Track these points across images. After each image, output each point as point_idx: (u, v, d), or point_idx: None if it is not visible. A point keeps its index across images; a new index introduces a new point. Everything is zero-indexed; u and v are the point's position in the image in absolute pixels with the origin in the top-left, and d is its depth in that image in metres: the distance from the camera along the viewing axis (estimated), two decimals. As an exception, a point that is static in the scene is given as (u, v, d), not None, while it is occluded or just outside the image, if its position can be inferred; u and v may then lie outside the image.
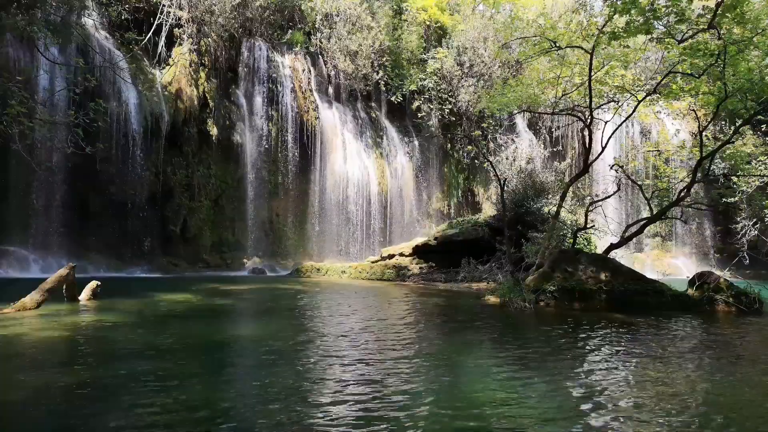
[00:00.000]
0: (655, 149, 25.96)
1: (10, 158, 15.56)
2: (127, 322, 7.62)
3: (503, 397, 4.27)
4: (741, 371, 5.47)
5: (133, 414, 3.72)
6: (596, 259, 11.47)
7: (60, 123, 14.55)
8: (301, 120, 22.94)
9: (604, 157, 18.18)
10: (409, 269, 17.63)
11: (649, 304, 10.18)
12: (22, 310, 7.92)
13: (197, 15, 20.78)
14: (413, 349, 6.17)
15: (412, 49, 26.47)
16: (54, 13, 14.53)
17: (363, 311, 9.73)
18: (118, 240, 18.31)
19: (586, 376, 5.08)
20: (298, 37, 23.92)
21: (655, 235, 27.93)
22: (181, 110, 20.04)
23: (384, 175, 25.10)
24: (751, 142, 19.96)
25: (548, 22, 13.69)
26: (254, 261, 21.10)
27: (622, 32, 11.13)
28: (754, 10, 11.08)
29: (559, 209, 13.79)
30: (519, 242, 14.51)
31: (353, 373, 4.93)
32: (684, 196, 13.10)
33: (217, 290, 12.64)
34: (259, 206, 22.00)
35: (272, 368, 5.13)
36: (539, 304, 10.24)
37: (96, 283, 9.74)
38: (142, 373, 4.74)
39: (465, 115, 26.82)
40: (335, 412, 3.80)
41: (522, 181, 18.30)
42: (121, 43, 19.08)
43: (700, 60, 11.00)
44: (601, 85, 13.79)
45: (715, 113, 12.42)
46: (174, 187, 19.91)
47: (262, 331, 7.42)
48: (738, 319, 9.31)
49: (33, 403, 3.98)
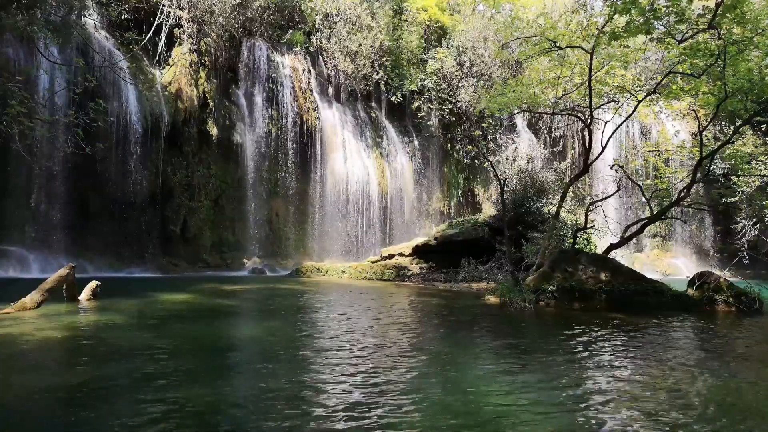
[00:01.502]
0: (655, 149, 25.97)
1: (10, 158, 15.57)
2: (127, 322, 7.62)
3: (503, 397, 4.27)
4: (741, 371, 5.47)
5: (133, 414, 3.72)
6: (596, 259, 11.47)
7: (60, 123, 14.54)
8: (301, 120, 22.94)
9: (604, 157, 18.17)
10: (409, 269, 17.64)
11: (649, 304, 10.18)
12: (22, 310, 7.92)
13: (197, 15, 20.78)
14: (413, 349, 6.17)
15: (412, 49, 26.47)
16: (54, 13, 14.52)
17: (363, 311, 9.73)
18: (118, 240, 18.30)
19: (586, 376, 5.08)
20: (298, 37, 23.93)
21: (655, 235, 27.94)
22: (181, 110, 20.04)
23: (384, 175, 25.10)
24: (751, 142, 19.96)
25: (548, 22, 13.69)
26: (254, 261, 21.10)
27: (622, 32, 11.14)
28: (754, 10, 11.08)
29: (559, 209, 13.79)
30: (519, 242, 14.51)
31: (353, 372, 4.93)
32: (684, 196, 13.10)
33: (217, 290, 12.63)
34: (259, 206, 22.00)
35: (272, 368, 5.13)
36: (539, 304, 10.24)
37: (96, 283, 9.74)
38: (143, 373, 4.74)
39: (465, 115, 26.83)
40: (335, 412, 3.80)
41: (522, 181, 18.30)
42: (121, 43, 19.08)
43: (700, 60, 11.00)
44: (601, 85, 13.79)
45: (715, 113, 12.43)
46: (174, 187, 19.91)
47: (263, 332, 7.42)
48: (738, 319, 9.31)
49: (33, 403, 3.98)
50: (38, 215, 17.05)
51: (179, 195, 20.05)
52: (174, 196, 19.93)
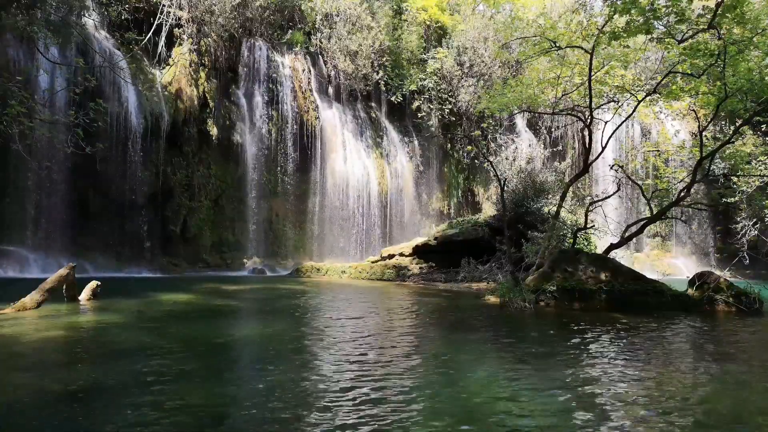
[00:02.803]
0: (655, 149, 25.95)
1: (10, 158, 15.57)
2: (127, 322, 7.62)
3: (503, 397, 4.27)
4: (742, 371, 5.46)
5: (134, 414, 3.71)
6: (596, 259, 11.47)
7: (60, 123, 14.55)
8: (301, 120, 22.94)
9: (604, 157, 18.20)
10: (409, 269, 17.64)
11: (649, 304, 10.18)
12: (22, 310, 7.92)
13: (197, 15, 20.79)
14: (413, 349, 6.17)
15: (412, 49, 26.47)
16: (54, 13, 14.53)
17: (363, 311, 9.73)
18: (118, 240, 18.31)
19: (586, 376, 5.08)
20: (298, 37, 23.93)
21: (655, 235, 27.94)
22: (181, 110, 20.05)
23: (384, 175, 25.10)
24: (751, 142, 19.94)
25: (548, 22, 13.69)
26: (254, 261, 21.10)
27: (622, 32, 11.14)
28: (754, 10, 11.08)
29: (559, 209, 13.79)
30: (519, 242, 14.51)
31: (353, 372, 4.93)
32: (684, 196, 13.10)
33: (217, 290, 12.64)
34: (259, 206, 22.00)
35: (272, 368, 5.13)
36: (539, 304, 10.24)
37: (96, 283, 9.74)
38: (142, 373, 4.74)
39: (465, 115, 26.83)
40: (335, 412, 3.80)
41: (522, 181, 18.30)
42: (121, 43, 19.08)
43: (700, 60, 11.00)
44: (601, 85, 13.79)
45: (715, 113, 12.43)
46: (174, 187, 19.91)
47: (263, 332, 7.42)
48: (738, 319, 9.31)
49: (33, 403, 3.98)
50: (38, 215, 17.05)
51: (179, 195, 20.05)
52: (174, 196, 19.94)
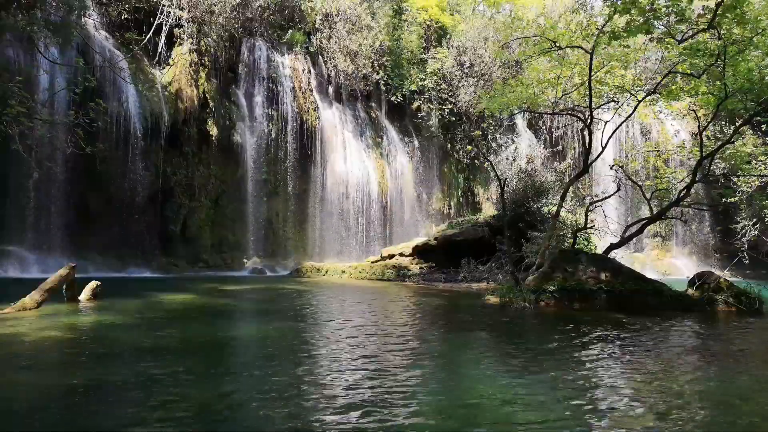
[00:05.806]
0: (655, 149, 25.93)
1: (10, 158, 15.54)
2: (127, 322, 7.62)
3: (503, 397, 4.27)
4: (742, 371, 5.46)
5: (134, 414, 3.71)
6: (596, 259, 11.47)
7: (60, 123, 14.55)
8: (301, 120, 22.93)
9: (604, 157, 18.15)
10: (409, 269, 17.63)
11: (649, 304, 10.18)
12: (22, 310, 7.92)
13: (197, 15, 20.78)
14: (413, 349, 6.17)
15: (412, 49, 26.47)
16: (54, 13, 14.51)
17: (363, 311, 9.73)
18: (118, 240, 18.28)
19: (586, 376, 5.08)
20: (298, 37, 23.92)
21: (655, 235, 27.91)
22: (181, 110, 20.04)
23: (384, 175, 25.10)
24: (751, 142, 19.92)
25: (548, 22, 13.68)
26: (254, 261, 21.09)
27: (622, 32, 11.11)
28: (754, 10, 11.06)
29: (559, 209, 13.78)
30: (519, 242, 14.51)
31: (353, 372, 4.93)
32: (684, 196, 13.09)
33: (217, 290, 12.64)
34: (259, 206, 21.99)
35: (273, 368, 5.13)
36: (539, 304, 10.24)
37: (96, 283, 9.73)
38: (142, 373, 4.74)
39: (465, 115, 26.82)
40: (335, 412, 3.80)
41: (522, 181, 18.30)
42: (121, 43, 19.08)
43: (700, 60, 11.00)
44: (601, 85, 13.78)
45: (715, 113, 12.43)
46: (174, 187, 19.91)
47: (263, 331, 7.42)
48: (738, 319, 9.31)
49: (33, 403, 3.98)
50: (38, 215, 17.03)
51: (179, 195, 20.05)
52: (174, 196, 19.93)
